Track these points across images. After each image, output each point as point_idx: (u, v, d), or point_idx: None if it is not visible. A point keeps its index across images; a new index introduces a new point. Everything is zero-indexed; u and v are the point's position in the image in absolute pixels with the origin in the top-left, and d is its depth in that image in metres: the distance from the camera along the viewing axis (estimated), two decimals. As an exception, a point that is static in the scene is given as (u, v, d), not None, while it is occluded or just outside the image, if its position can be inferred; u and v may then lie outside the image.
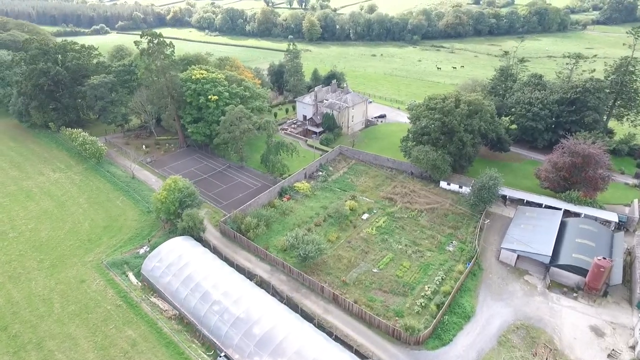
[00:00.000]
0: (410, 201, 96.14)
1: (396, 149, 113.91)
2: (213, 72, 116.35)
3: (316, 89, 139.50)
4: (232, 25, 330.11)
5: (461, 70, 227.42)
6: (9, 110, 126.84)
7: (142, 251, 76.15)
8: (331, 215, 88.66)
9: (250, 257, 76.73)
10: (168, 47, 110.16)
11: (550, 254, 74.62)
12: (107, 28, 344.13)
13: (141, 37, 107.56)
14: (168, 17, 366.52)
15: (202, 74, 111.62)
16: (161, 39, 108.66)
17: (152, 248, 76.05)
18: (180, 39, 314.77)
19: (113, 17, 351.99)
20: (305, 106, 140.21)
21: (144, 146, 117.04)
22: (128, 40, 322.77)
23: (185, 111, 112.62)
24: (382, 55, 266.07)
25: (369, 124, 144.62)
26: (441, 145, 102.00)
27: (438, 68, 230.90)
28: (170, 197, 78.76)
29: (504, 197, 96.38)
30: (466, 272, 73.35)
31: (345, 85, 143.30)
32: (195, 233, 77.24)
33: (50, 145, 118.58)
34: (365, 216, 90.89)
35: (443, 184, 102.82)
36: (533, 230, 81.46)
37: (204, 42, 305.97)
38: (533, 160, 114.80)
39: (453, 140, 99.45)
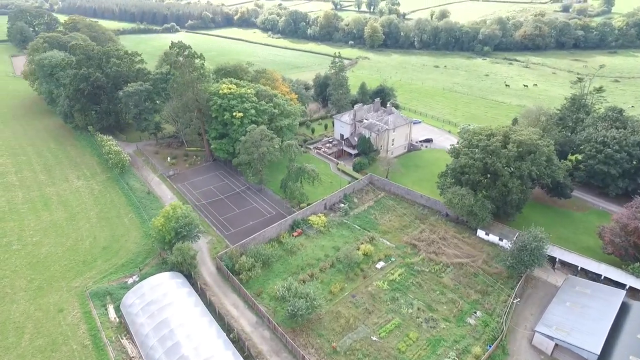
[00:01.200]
0: (437, 251, 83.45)
1: (435, 183, 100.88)
2: (244, 87, 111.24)
3: (356, 107, 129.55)
4: (295, 27, 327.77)
5: (533, 89, 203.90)
6: (57, 110, 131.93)
7: (130, 281, 72.31)
8: (340, 260, 79.05)
9: (239, 302, 69.71)
10: (198, 60, 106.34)
11: (599, 351, 59.24)
12: (177, 27, 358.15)
13: (170, 49, 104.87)
14: (235, 18, 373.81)
15: (230, 88, 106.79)
16: (191, 51, 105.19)
17: (142, 279, 71.95)
18: (243, 40, 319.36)
19: (184, 16, 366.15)
20: (342, 125, 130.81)
21: (168, 158, 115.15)
22: (192, 40, 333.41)
23: (211, 126, 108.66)
24: (445, 67, 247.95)
25: (412, 148, 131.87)
26: (482, 187, 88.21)
27: (506, 85, 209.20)
28: (167, 226, 74.18)
29: (552, 258, 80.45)
30: (485, 357, 60.44)
31: (389, 104, 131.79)
32: (185, 269, 71.79)
33: (85, 149, 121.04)
34: (380, 264, 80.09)
35: (481, 233, 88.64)
36: (581, 313, 65.88)
37: (263, 44, 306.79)
38: (601, 211, 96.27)
39: (496, 184, 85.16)
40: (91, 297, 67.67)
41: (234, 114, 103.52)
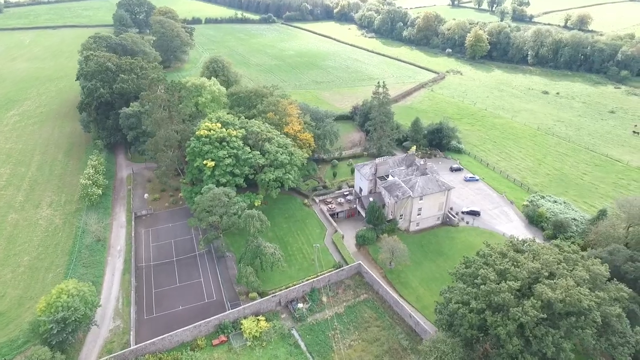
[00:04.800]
0: None
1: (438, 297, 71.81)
2: (233, 125, 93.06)
3: (377, 160, 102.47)
4: (391, 27, 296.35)
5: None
6: (79, 117, 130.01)
7: (-12, 375, 61.35)
8: (241, 409, 57.96)
9: None
10: (177, 93, 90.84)
11: None
12: (274, 18, 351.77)
13: (147, 80, 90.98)
14: (335, 11, 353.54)
15: (210, 129, 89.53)
16: (171, 84, 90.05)
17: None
18: (330, 38, 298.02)
19: (284, 7, 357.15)
20: (362, 178, 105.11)
21: (146, 195, 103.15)
22: (280, 33, 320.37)
23: (188, 169, 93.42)
24: (558, 93, 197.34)
25: (447, 221, 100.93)
26: (481, 343, 58.05)
27: (635, 132, 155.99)
28: (45, 313, 61.13)
29: None
30: None
31: (422, 161, 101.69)
32: (38, 382, 57.95)
33: (83, 168, 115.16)
34: None
35: (471, 408, 58.95)
36: None
37: (350, 44, 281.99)
38: None
39: (501, 354, 54.40)
40: None
41: (205, 162, 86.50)
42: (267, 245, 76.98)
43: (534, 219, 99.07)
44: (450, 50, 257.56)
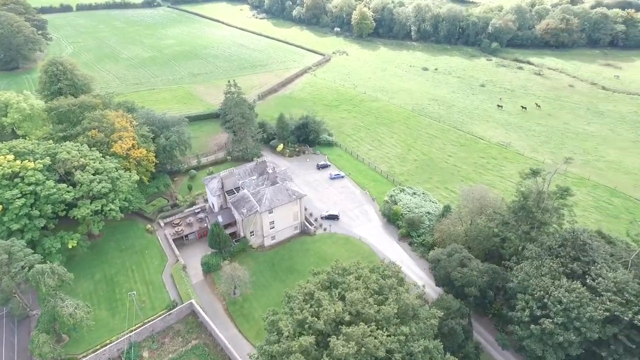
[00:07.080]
0: None
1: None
2: (34, 153, 77.62)
3: (222, 174, 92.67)
4: (281, 7, 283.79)
5: (534, 112, 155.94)
6: None
7: None
8: None
9: None
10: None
11: None
12: (159, 1, 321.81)
13: None
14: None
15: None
16: None
17: None
18: (218, 22, 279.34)
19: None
20: (211, 193, 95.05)
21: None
22: (163, 17, 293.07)
23: (-18, 213, 77.03)
24: (436, 69, 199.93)
25: (305, 229, 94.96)
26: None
27: (499, 106, 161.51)
28: None
29: None
30: None
31: (273, 168, 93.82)
32: None
33: None
34: None
35: None
36: None
37: (239, 28, 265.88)
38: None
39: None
40: None
41: (-11, 206, 71.11)
42: (67, 304, 64.78)
43: (391, 217, 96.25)
44: (338, 29, 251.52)
